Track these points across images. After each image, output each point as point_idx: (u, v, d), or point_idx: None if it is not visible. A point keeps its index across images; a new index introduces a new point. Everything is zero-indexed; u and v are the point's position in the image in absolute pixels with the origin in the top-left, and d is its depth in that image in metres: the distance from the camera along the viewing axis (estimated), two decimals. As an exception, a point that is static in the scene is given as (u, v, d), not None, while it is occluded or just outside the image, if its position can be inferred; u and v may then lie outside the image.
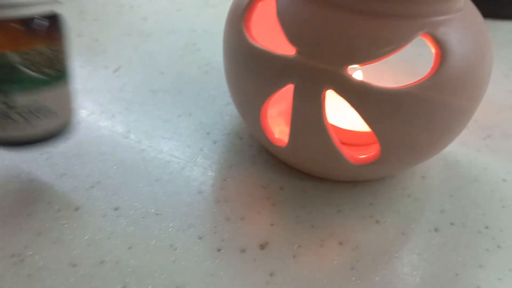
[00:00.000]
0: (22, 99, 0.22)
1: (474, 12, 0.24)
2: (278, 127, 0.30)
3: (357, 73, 0.31)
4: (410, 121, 0.22)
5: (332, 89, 0.22)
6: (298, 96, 0.23)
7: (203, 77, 0.37)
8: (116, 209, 0.25)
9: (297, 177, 0.28)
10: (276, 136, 0.27)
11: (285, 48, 0.23)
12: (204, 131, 0.31)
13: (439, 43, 0.22)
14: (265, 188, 0.27)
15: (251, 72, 0.25)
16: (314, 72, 0.22)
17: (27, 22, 0.21)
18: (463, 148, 0.32)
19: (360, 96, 0.22)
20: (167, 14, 0.46)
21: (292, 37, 0.23)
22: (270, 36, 0.27)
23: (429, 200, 0.28)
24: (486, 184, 0.29)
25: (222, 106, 0.34)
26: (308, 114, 0.24)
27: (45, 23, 0.22)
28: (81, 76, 0.36)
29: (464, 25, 0.23)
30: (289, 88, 0.24)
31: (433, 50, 0.22)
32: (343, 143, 0.29)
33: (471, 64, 0.22)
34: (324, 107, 0.23)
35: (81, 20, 0.43)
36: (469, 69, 0.22)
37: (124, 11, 0.46)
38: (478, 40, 0.23)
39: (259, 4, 0.25)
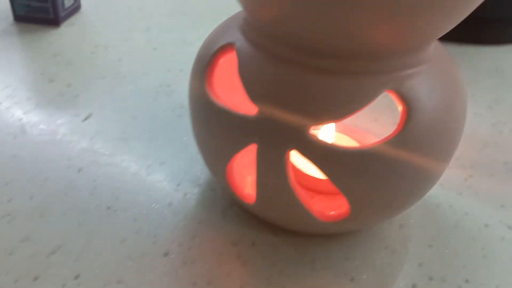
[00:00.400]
0: None
1: (445, 59, 0.23)
2: (250, 176, 0.29)
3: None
4: (378, 180, 0.21)
5: (295, 150, 0.21)
6: (261, 157, 0.22)
7: (176, 121, 0.36)
8: (76, 277, 0.24)
9: (269, 231, 0.27)
10: (247, 189, 0.26)
11: (249, 105, 0.23)
12: (175, 183, 0.30)
13: (404, 99, 0.21)
14: (235, 245, 0.26)
15: (213, 130, 0.24)
16: (276, 133, 0.21)
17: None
18: (443, 191, 0.31)
19: (324, 157, 0.21)
20: (143, 54, 0.45)
21: (254, 96, 0.22)
22: (235, 91, 0.26)
23: (407, 252, 0.27)
24: (467, 231, 0.28)
25: (194, 154, 0.33)
26: (272, 175, 0.23)
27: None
28: (50, 126, 0.35)
29: (433, 77, 0.22)
30: (254, 147, 0.23)
31: (400, 107, 0.21)
32: (314, 191, 0.28)
33: (440, 119, 0.21)
34: (288, 168, 0.22)
35: (55, 64, 0.42)
36: (438, 124, 0.21)
37: (99, 52, 0.45)
38: (449, 92, 0.22)
39: (222, 59, 0.24)
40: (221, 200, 0.29)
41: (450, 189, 0.31)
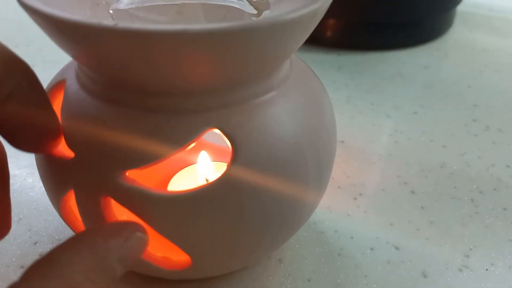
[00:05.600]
0: None
1: (302, 81, 0.21)
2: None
3: (202, 153, 0.27)
4: (213, 225, 0.19)
5: (109, 197, 0.19)
6: (79, 205, 0.20)
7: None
8: None
9: (134, 285, 0.25)
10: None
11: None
12: (32, 241, 0.27)
13: (229, 137, 0.18)
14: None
15: (40, 173, 0.22)
16: (89, 179, 0.19)
17: None
18: (330, 215, 0.29)
19: (142, 205, 0.19)
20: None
21: (68, 139, 0.19)
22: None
23: (283, 291, 0.24)
24: (350, 258, 0.26)
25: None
26: (93, 224, 0.20)
27: None
28: None
29: (279, 106, 0.19)
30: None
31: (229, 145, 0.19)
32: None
33: (278, 152, 0.19)
34: (108, 216, 0.20)
35: None
36: (272, 159, 0.19)
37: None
38: (301, 119, 0.20)
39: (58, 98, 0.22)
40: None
41: (337, 212, 0.29)
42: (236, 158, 0.18)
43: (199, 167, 0.27)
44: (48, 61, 0.45)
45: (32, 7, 0.16)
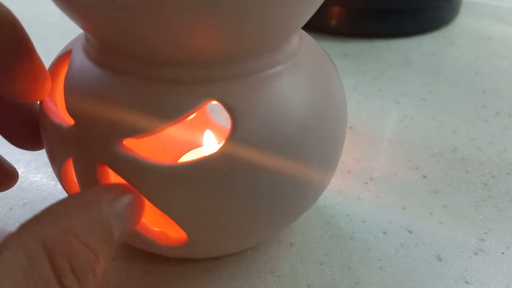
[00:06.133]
0: None
1: (313, 55, 0.21)
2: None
3: (208, 134, 0.27)
4: (204, 199, 0.18)
5: (105, 165, 0.18)
6: (77, 173, 0.20)
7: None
8: None
9: (141, 267, 0.24)
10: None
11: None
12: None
13: (228, 110, 0.18)
14: None
15: (44, 143, 0.22)
16: (87, 146, 0.19)
17: None
18: (341, 199, 0.28)
19: (137, 174, 0.18)
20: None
21: (69, 106, 0.19)
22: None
23: (296, 275, 0.24)
24: (362, 241, 0.26)
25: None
26: None
27: None
28: None
29: (291, 80, 0.19)
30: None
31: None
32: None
33: (280, 128, 0.18)
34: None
35: None
36: (275, 135, 0.18)
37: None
38: (315, 92, 0.20)
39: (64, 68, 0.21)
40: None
41: (348, 196, 0.29)
42: (235, 132, 0.17)
43: (206, 149, 0.27)
44: (51, 50, 0.44)
45: None
